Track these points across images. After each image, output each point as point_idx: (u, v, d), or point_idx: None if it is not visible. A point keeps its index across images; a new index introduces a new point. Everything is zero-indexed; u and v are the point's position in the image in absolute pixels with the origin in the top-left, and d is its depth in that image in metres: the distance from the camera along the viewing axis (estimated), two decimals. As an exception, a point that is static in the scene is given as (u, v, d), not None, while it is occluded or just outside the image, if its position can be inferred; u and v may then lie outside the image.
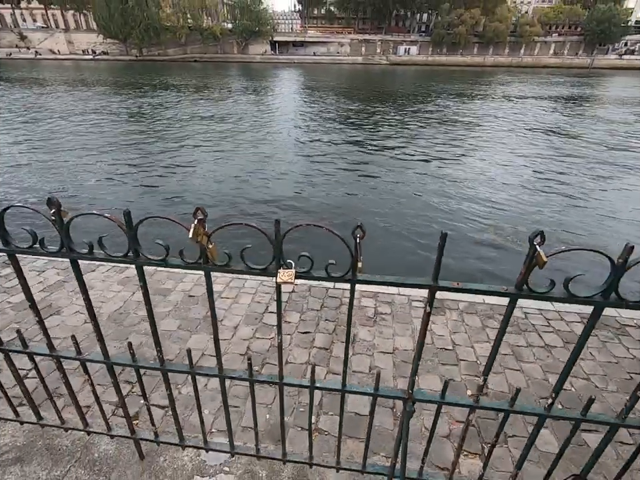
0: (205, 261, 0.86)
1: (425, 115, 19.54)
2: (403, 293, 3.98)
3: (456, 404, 0.95)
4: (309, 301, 3.81)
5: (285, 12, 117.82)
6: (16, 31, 72.11)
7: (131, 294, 3.80)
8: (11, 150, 11.64)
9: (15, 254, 0.90)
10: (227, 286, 4.03)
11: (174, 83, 33.72)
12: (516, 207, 7.95)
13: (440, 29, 74.39)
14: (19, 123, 15.65)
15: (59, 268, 4.20)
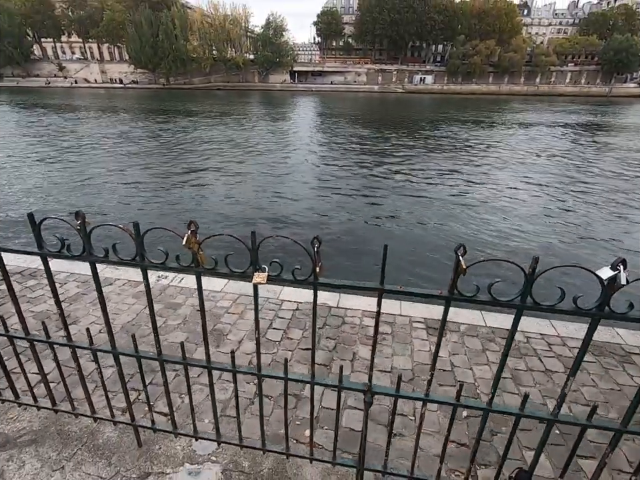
0: (196, 265, 1.02)
1: (439, 141, 19.85)
2: (405, 313, 4.05)
3: (408, 397, 1.06)
4: (312, 319, 3.90)
5: (305, 44, 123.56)
6: (56, 62, 78.00)
7: (144, 307, 3.99)
8: (43, 169, 12.43)
9: (46, 257, 1.10)
10: (234, 302, 4.18)
11: (198, 110, 35.45)
12: (525, 233, 7.95)
13: (455, 59, 76.23)
14: (51, 145, 16.73)
15: (79, 281, 4.46)
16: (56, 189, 10.39)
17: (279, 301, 4.23)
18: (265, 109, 38.52)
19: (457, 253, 0.80)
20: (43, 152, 15.46)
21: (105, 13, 70.12)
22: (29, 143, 17.43)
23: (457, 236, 7.65)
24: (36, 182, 10.92)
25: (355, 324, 3.87)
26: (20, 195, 9.76)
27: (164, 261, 1.02)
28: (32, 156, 14.63)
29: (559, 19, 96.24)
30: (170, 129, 23.12)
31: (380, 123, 28.04)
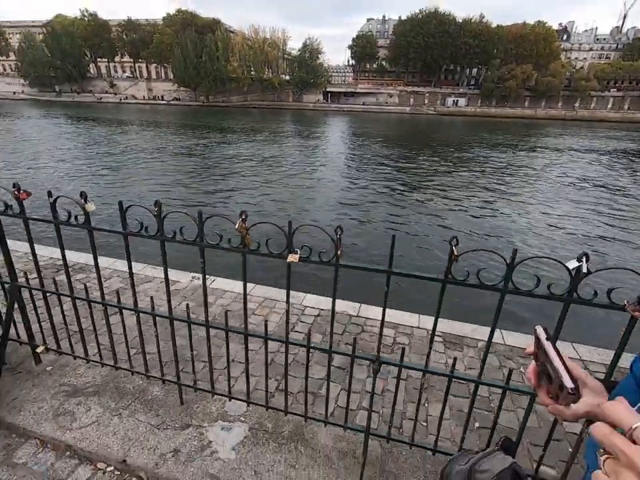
0: (244, 246, 1.28)
1: (469, 164, 19.77)
2: (423, 326, 4.15)
3: (412, 367, 1.24)
4: (334, 325, 4.08)
5: (340, 66, 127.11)
6: (108, 80, 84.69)
7: (178, 304, 4.32)
8: (86, 174, 13.51)
9: (128, 235, 1.39)
10: (259, 305, 4.43)
11: (233, 126, 37.18)
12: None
13: (490, 83, 75.75)
14: (100, 154, 18.13)
15: (121, 277, 4.88)
16: (103, 190, 11.29)
17: (302, 306, 4.45)
18: (297, 127, 39.78)
19: (450, 243, 1.00)
20: (88, 159, 16.78)
21: (155, 36, 75.76)
22: (77, 150, 18.99)
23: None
24: (80, 185, 11.93)
25: (373, 332, 4.01)
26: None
27: (218, 242, 1.29)
28: (77, 163, 15.93)
29: (600, 44, 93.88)
30: (206, 143, 24.41)
31: (409, 143, 28.27)
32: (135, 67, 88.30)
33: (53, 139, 23.63)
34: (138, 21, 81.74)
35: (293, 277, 1.26)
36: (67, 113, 47.77)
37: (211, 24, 77.28)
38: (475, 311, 5.33)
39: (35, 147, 20.20)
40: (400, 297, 5.85)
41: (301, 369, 3.28)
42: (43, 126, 32.57)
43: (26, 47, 79.05)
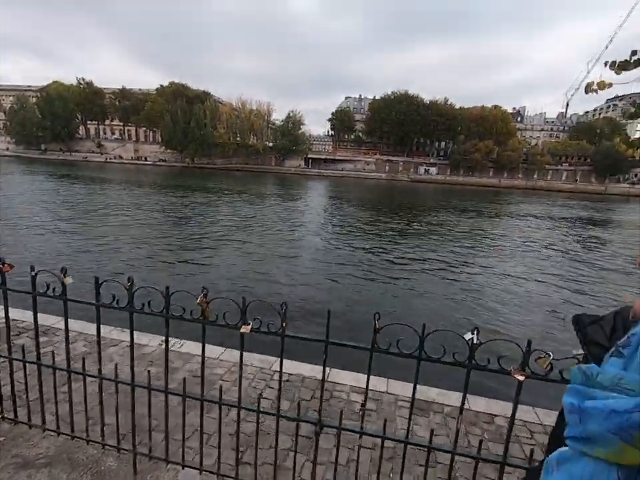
0: (204, 318, 1.45)
1: (440, 228, 20.91)
2: (391, 391, 4.19)
3: (352, 430, 1.36)
4: (301, 391, 4.07)
5: (320, 135, 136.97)
6: (96, 141, 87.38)
7: (143, 369, 4.23)
8: (58, 234, 13.40)
9: (99, 307, 1.54)
10: (228, 370, 4.38)
11: (216, 187, 38.38)
12: (516, 319, 8.12)
13: (457, 155, 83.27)
14: (73, 211, 18.13)
15: (87, 340, 4.77)
16: (72, 252, 11.15)
17: (272, 371, 4.42)
18: (278, 190, 41.48)
19: (374, 318, 1.22)
20: (68, 218, 16.74)
21: (147, 104, 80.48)
22: (53, 208, 18.96)
23: (444, 315, 7.86)
24: (47, 245, 11.79)
25: (342, 398, 4.01)
26: (36, 256, 10.53)
27: (182, 314, 1.45)
28: (52, 221, 15.84)
29: (549, 125, 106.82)
30: (187, 203, 24.94)
31: (384, 207, 29.86)
32: (124, 130, 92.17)
33: (30, 195, 23.60)
34: (131, 90, 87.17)
35: (265, 341, 1.41)
36: (49, 170, 48.20)
37: (201, 95, 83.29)
38: (439, 375, 5.41)
39: (9, 203, 20.05)
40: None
41: (264, 438, 3.21)
42: (22, 181, 32.62)
43: (17, 108, 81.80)
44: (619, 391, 0.46)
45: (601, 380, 0.48)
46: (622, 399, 0.45)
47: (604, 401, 0.46)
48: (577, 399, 0.50)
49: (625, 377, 0.46)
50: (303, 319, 7.45)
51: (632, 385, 0.45)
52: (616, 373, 0.48)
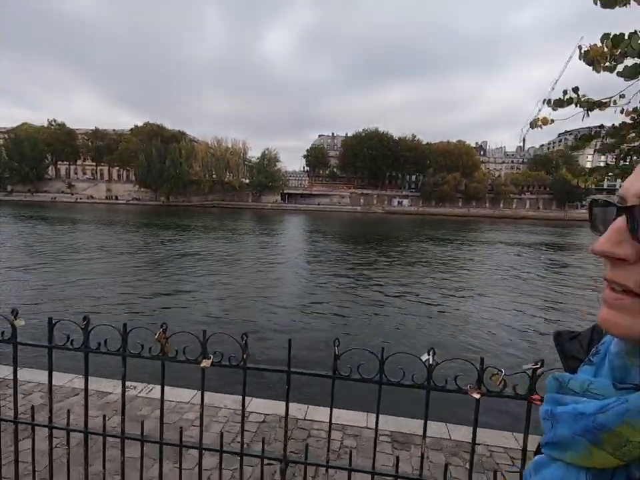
0: (163, 354, 1.40)
1: (413, 257, 21.37)
2: (371, 426, 4.06)
3: (317, 464, 1.32)
4: (277, 432, 3.90)
5: (296, 171, 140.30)
6: (66, 181, 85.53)
7: (108, 419, 3.93)
8: (26, 276, 12.71)
9: (52, 349, 1.46)
10: (200, 415, 4.14)
11: (192, 225, 37.97)
12: (487, 343, 8.23)
13: (427, 187, 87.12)
14: (38, 253, 17.33)
15: (43, 391, 4.42)
16: (39, 295, 10.55)
17: (247, 412, 4.22)
18: (255, 226, 41.49)
19: (334, 344, 1.23)
20: (29, 260, 15.96)
21: (121, 144, 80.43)
22: (16, 251, 18.06)
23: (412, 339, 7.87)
24: (6, 291, 11.14)
25: (320, 437, 3.85)
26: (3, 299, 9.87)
27: (140, 352, 1.40)
28: (13, 265, 15.05)
29: (510, 158, 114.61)
30: (159, 241, 24.44)
31: (360, 239, 30.34)
32: (96, 170, 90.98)
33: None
34: (105, 131, 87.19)
35: (238, 381, 1.37)
36: (14, 212, 46.36)
37: (176, 135, 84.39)
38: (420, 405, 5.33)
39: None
40: (348, 394, 5.74)
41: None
42: (-15, 225, 31.08)
43: (-18, 150, 79.66)
44: (588, 396, 0.47)
45: (572, 386, 0.50)
46: (589, 403, 0.46)
47: (574, 405, 0.47)
48: (551, 406, 0.51)
49: (594, 382, 0.48)
50: (278, 352, 7.24)
51: (600, 390, 0.47)
52: (586, 378, 0.50)
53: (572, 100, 2.76)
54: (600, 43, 2.40)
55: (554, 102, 2.90)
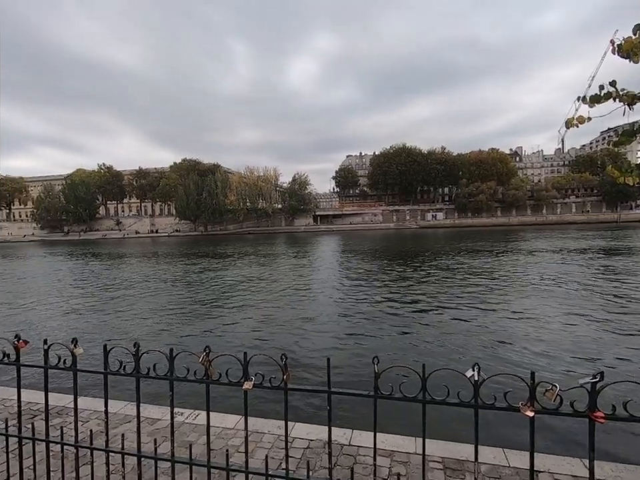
0: (207, 377, 1.45)
1: (451, 270, 20.57)
2: (421, 452, 3.86)
3: None
4: (323, 458, 3.80)
5: (326, 193, 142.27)
6: (114, 219, 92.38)
7: (158, 445, 4.04)
8: (81, 310, 13.61)
9: (107, 375, 1.56)
10: (244, 439, 4.14)
11: (229, 252, 39.25)
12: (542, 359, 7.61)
13: (462, 199, 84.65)
14: (93, 287, 18.57)
15: (99, 418, 4.63)
16: (90, 326, 11.24)
17: (291, 438, 4.17)
18: (289, 249, 42.09)
19: (373, 362, 1.21)
20: (83, 293, 17.12)
21: (162, 180, 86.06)
22: (72, 285, 19.48)
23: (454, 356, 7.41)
24: (65, 321, 11.93)
25: (367, 464, 3.70)
26: (52, 332, 10.62)
27: (186, 375, 1.46)
28: (70, 297, 16.20)
29: (549, 161, 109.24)
30: (201, 269, 25.39)
31: (396, 255, 29.77)
32: (140, 206, 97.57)
33: (48, 276, 24.46)
34: (147, 169, 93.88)
35: (280, 404, 1.40)
36: (70, 250, 50.45)
37: (211, 167, 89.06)
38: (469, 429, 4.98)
39: (28, 285, 20.77)
40: (396, 419, 5.50)
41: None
42: (42, 264, 34.04)
43: (44, 197, 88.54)
44: None
45: None
46: None
47: None
48: None
49: None
50: (316, 373, 7.14)
51: None
52: None
53: (610, 94, 2.63)
54: (634, 35, 2.31)
55: (590, 98, 2.78)
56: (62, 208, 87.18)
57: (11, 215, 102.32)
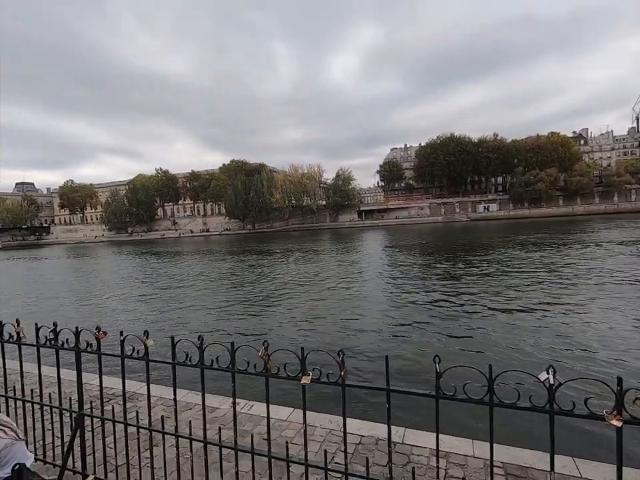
0: (266, 370, 1.50)
1: (508, 265, 19.33)
2: (479, 455, 3.70)
3: None
4: (375, 455, 3.77)
5: (371, 188, 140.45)
6: (171, 219, 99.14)
7: (214, 434, 4.27)
8: (144, 304, 14.76)
9: (175, 365, 1.68)
10: (297, 432, 4.24)
11: (275, 248, 40.32)
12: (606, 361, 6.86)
13: (517, 188, 78.89)
14: (156, 282, 20.04)
15: (165, 404, 5.00)
16: (156, 318, 12.16)
17: (341, 433, 4.18)
18: (334, 245, 42.23)
19: (434, 361, 1.16)
20: (147, 288, 18.54)
21: (212, 182, 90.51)
22: (138, 281, 21.20)
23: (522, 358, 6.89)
24: (135, 314, 12.98)
25: (421, 464, 3.61)
26: (125, 323, 11.64)
27: (246, 368, 1.52)
28: (138, 293, 17.63)
29: (620, 143, 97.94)
30: (250, 266, 26.35)
31: (445, 250, 28.61)
32: (194, 207, 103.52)
33: (117, 273, 26.87)
34: (199, 172, 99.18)
35: (335, 399, 1.42)
36: (134, 249, 54.99)
37: (258, 167, 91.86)
38: (535, 436, 4.65)
39: (102, 281, 22.98)
40: (450, 419, 5.30)
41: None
42: (111, 262, 37.49)
43: (111, 201, 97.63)
44: None
45: None
46: None
47: None
48: None
49: None
50: (370, 371, 7.08)
51: None
52: None
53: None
54: None
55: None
56: (126, 211, 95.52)
57: (84, 218, 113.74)
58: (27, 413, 2.62)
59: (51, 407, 2.21)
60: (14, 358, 2.81)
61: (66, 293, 19.51)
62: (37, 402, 2.26)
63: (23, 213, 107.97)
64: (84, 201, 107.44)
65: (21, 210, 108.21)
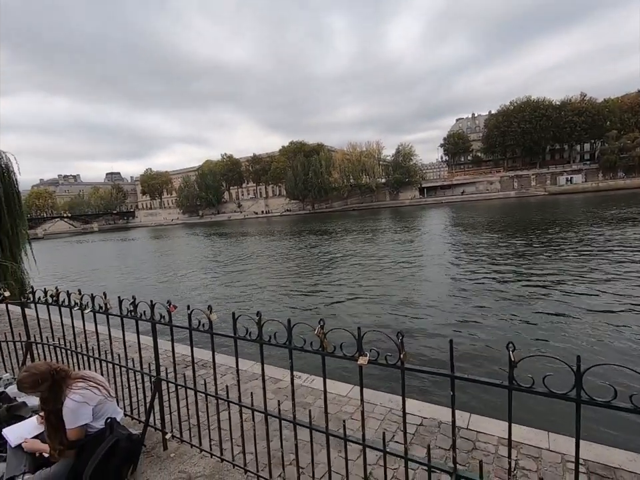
0: (322, 349, 1.48)
1: (596, 244, 17.15)
2: (555, 449, 3.41)
3: None
4: (437, 438, 3.68)
5: (433, 163, 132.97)
6: (236, 202, 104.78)
7: (281, 403, 4.50)
8: (212, 280, 15.93)
9: (237, 339, 1.76)
10: (357, 408, 4.29)
11: (335, 228, 40.57)
12: None
13: (609, 155, 68.65)
14: (223, 263, 21.48)
15: (234, 374, 5.38)
16: (223, 294, 13.10)
17: (401, 413, 4.14)
18: (394, 224, 41.15)
19: (508, 349, 1.02)
20: (213, 266, 19.94)
21: (273, 164, 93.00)
22: (206, 259, 22.92)
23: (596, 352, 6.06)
24: (203, 289, 14.07)
25: (488, 452, 3.44)
26: (193, 297, 12.74)
27: (302, 346, 1.53)
28: (206, 271, 19.06)
29: None
30: (310, 245, 26.89)
31: (519, 228, 26.25)
32: (256, 189, 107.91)
33: (190, 252, 29.35)
34: (260, 155, 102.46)
35: (395, 379, 1.38)
36: (205, 230, 59.47)
37: (316, 148, 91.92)
38: (628, 434, 4.13)
39: (175, 260, 25.33)
40: (523, 409, 4.96)
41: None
42: (184, 242, 41.02)
43: (183, 186, 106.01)
44: None
45: None
46: None
47: None
48: None
49: None
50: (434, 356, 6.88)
51: None
52: None
53: None
54: None
55: None
56: (196, 195, 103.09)
57: (162, 203, 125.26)
58: (116, 375, 3.01)
59: (135, 371, 2.51)
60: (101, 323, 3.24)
61: (148, 269, 21.92)
62: (124, 365, 2.58)
63: (112, 200, 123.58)
64: (161, 187, 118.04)
65: (111, 197, 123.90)
